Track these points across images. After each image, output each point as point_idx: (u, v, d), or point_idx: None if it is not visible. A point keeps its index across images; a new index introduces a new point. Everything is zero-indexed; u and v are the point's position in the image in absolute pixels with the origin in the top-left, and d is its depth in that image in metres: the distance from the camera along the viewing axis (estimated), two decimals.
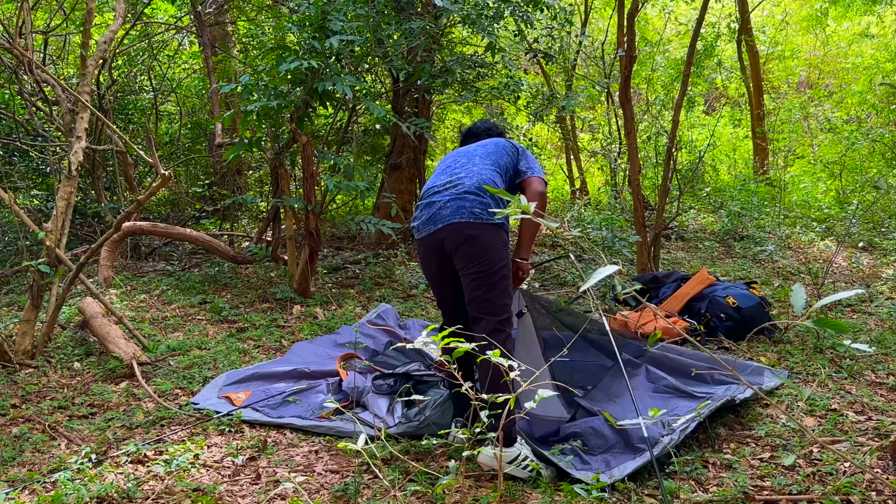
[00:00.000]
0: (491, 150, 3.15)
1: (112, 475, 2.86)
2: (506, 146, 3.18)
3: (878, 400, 3.50)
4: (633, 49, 5.88)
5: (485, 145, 3.21)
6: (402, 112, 7.05)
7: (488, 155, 3.12)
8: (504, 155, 3.13)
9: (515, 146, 3.20)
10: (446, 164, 3.19)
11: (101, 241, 4.52)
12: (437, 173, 3.16)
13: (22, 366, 4.17)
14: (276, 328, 5.00)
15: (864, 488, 2.60)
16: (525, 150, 3.20)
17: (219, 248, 6.40)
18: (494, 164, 3.08)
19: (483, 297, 2.91)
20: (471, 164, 3.07)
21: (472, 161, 3.09)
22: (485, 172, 3.02)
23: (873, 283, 5.98)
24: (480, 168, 3.04)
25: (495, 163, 3.09)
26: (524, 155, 3.18)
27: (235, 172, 8.74)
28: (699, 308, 4.73)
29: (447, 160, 3.22)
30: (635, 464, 2.76)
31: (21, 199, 7.46)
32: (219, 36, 8.68)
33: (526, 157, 3.17)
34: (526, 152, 3.20)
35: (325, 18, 4.97)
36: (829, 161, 10.44)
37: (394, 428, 3.26)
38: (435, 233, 2.98)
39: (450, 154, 3.29)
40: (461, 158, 3.15)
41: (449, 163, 3.18)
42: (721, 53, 11.80)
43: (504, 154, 3.14)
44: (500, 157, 3.12)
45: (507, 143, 3.21)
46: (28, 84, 6.70)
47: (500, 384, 2.72)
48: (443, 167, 3.18)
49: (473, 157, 3.12)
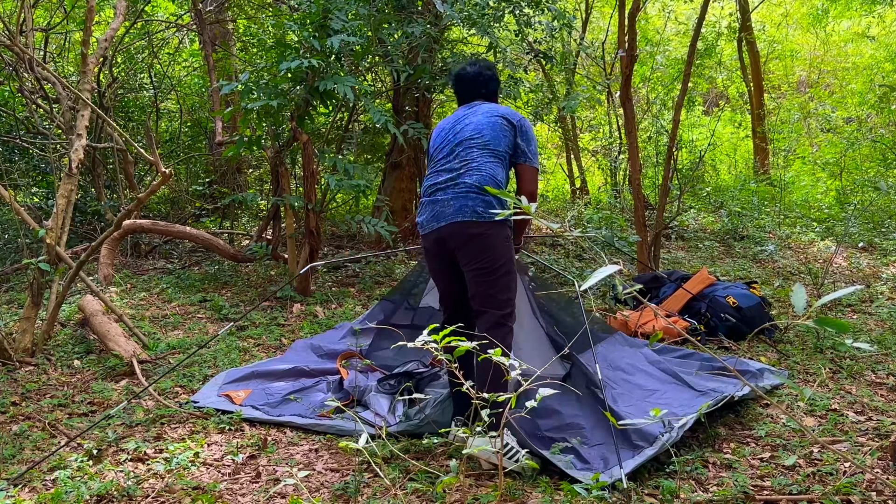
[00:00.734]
0: (488, 139, 3.04)
1: (112, 473, 2.86)
2: (503, 127, 3.07)
3: (879, 400, 3.51)
4: (633, 48, 5.88)
5: (480, 130, 3.07)
6: (402, 111, 7.05)
7: (485, 145, 3.04)
8: (502, 139, 3.06)
9: (511, 121, 3.09)
10: (443, 154, 3.12)
11: (101, 238, 4.52)
12: (437, 168, 3.12)
13: (22, 363, 4.17)
14: (276, 326, 5.00)
15: (864, 488, 2.60)
16: (522, 123, 3.11)
17: (219, 246, 6.40)
18: (493, 154, 3.03)
19: (486, 292, 2.98)
20: (471, 160, 3.03)
21: (471, 155, 3.04)
22: (486, 168, 3.00)
23: (873, 284, 5.98)
24: (481, 163, 3.01)
25: (493, 152, 3.03)
26: (521, 131, 3.09)
27: (236, 171, 8.74)
28: (699, 308, 4.74)
29: (443, 149, 3.13)
30: (634, 462, 2.76)
31: (21, 196, 7.46)
32: (219, 34, 8.67)
33: (523, 134, 3.09)
34: (523, 125, 3.10)
35: (325, 17, 4.97)
36: (828, 161, 10.44)
37: (394, 427, 3.26)
38: (438, 230, 3.03)
39: (444, 135, 3.17)
40: (459, 150, 3.07)
41: (447, 154, 3.11)
42: (721, 52, 11.79)
43: (502, 138, 3.06)
44: (497, 143, 3.05)
45: (503, 120, 3.08)
46: (28, 81, 6.69)
47: (499, 383, 2.74)
48: (441, 160, 3.12)
49: (472, 150, 3.04)
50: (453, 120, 3.21)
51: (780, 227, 8.39)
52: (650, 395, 3.40)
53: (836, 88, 13.46)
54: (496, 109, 3.14)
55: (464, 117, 3.16)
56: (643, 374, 3.61)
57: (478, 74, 3.25)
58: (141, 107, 8.60)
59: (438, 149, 3.17)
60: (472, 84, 3.26)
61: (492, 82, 3.27)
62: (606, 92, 9.99)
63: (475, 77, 3.25)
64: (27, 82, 6.71)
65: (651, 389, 3.46)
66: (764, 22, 13.39)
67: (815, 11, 13.12)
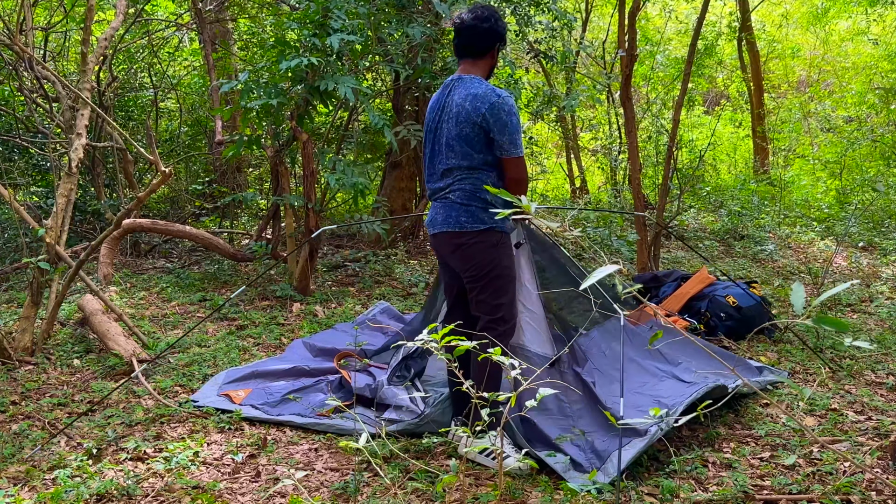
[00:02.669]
0: (459, 156, 2.92)
1: (112, 472, 2.86)
2: (469, 136, 2.88)
3: (878, 400, 3.51)
4: (633, 48, 5.88)
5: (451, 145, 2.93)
6: (402, 111, 7.04)
7: (459, 165, 2.93)
8: (470, 150, 2.90)
9: (475, 119, 2.85)
10: (428, 161, 3.10)
11: (101, 238, 4.52)
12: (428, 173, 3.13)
13: (21, 363, 4.17)
14: (275, 326, 5.00)
15: (863, 488, 2.60)
16: (493, 111, 2.84)
17: (218, 245, 6.40)
18: (469, 167, 2.93)
19: (477, 297, 3.05)
20: (452, 178, 2.97)
21: (452, 173, 2.98)
22: (466, 181, 2.95)
23: (873, 283, 5.98)
24: (461, 178, 2.96)
25: (469, 167, 2.93)
26: (493, 122, 2.85)
27: (235, 170, 8.73)
28: (699, 307, 4.73)
29: (429, 154, 3.10)
30: (628, 455, 2.74)
31: (21, 195, 7.46)
32: (219, 33, 8.66)
33: (495, 124, 2.85)
34: (494, 113, 2.84)
35: (325, 16, 4.97)
36: (828, 161, 10.44)
37: (393, 427, 3.26)
38: (433, 236, 3.13)
39: (428, 134, 3.08)
40: (440, 166, 3.00)
41: (430, 165, 3.09)
42: (721, 52, 11.79)
43: (469, 149, 2.90)
44: (468, 156, 2.91)
45: (471, 118, 2.86)
46: (28, 80, 6.69)
47: (492, 385, 2.77)
48: (428, 165, 3.11)
49: (450, 170, 2.97)
50: (437, 107, 3.04)
51: (779, 226, 8.38)
52: (642, 387, 3.38)
53: (836, 88, 13.46)
54: (465, 101, 2.89)
55: (443, 111, 3.00)
56: (636, 364, 3.59)
57: (471, 29, 2.95)
58: (141, 106, 8.60)
59: (426, 142, 3.12)
60: (464, 39, 2.98)
61: (484, 39, 2.96)
62: (606, 91, 9.99)
63: (468, 31, 2.96)
64: (27, 81, 6.70)
65: (644, 381, 3.44)
66: (764, 21, 13.39)
67: (815, 11, 13.12)
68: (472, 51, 3.00)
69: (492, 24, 2.96)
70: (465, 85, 2.95)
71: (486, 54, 3.02)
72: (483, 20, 2.95)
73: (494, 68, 3.14)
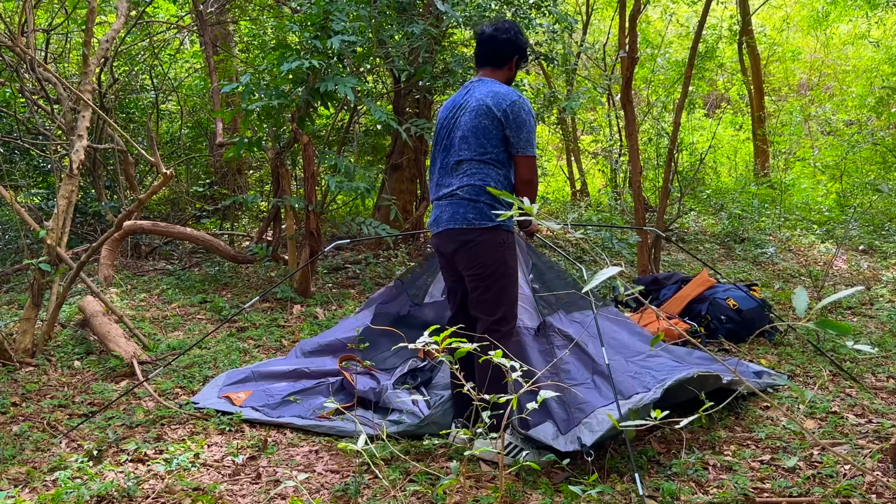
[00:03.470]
0: (473, 147, 2.96)
1: (112, 474, 2.86)
2: (486, 128, 2.94)
3: (879, 403, 3.51)
4: (634, 50, 5.88)
5: (466, 138, 2.97)
6: (403, 112, 7.05)
7: (472, 157, 2.97)
8: (486, 142, 2.94)
9: (496, 113, 2.92)
10: (440, 157, 3.12)
11: (101, 239, 4.52)
12: (436, 170, 3.14)
13: (22, 364, 4.17)
14: (276, 328, 5.00)
15: (864, 491, 2.60)
16: (512, 109, 2.92)
17: (219, 247, 6.40)
18: (480, 161, 2.96)
19: (479, 297, 3.02)
20: (462, 171, 3.00)
21: (462, 166, 3.00)
22: (476, 175, 2.96)
23: (874, 286, 5.98)
24: (471, 172, 2.98)
25: (480, 160, 2.96)
26: (510, 119, 2.92)
27: (236, 172, 8.74)
28: (700, 310, 4.73)
29: (439, 148, 3.12)
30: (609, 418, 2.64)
31: (22, 197, 7.47)
32: (220, 35, 8.68)
33: (512, 122, 2.92)
34: (513, 111, 2.92)
35: (326, 18, 4.98)
36: (829, 164, 10.45)
37: (393, 428, 3.26)
38: (437, 234, 3.09)
39: (442, 131, 3.11)
40: (451, 159, 3.03)
41: (442, 160, 3.11)
42: (722, 55, 11.80)
43: (486, 141, 2.94)
44: (483, 149, 2.95)
45: (489, 113, 2.93)
46: (30, 82, 6.70)
47: (495, 387, 2.75)
48: (438, 160, 3.13)
49: (461, 162, 2.99)
50: (453, 106, 3.09)
51: (780, 229, 8.39)
52: (635, 356, 3.35)
53: (837, 91, 13.48)
54: (487, 97, 2.96)
55: (460, 109, 3.05)
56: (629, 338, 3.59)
57: (491, 39, 3.06)
58: (142, 108, 8.61)
59: (438, 141, 3.15)
60: (484, 48, 3.09)
61: (505, 48, 3.06)
62: (607, 94, 10.00)
63: (488, 41, 3.07)
64: (28, 83, 6.71)
65: (638, 351, 3.42)
66: (764, 24, 13.41)
67: (816, 14, 13.14)
68: (492, 60, 3.10)
69: (511, 37, 3.06)
70: (486, 84, 3.04)
71: (504, 65, 3.11)
72: (503, 31, 3.06)
73: (512, 81, 3.18)
